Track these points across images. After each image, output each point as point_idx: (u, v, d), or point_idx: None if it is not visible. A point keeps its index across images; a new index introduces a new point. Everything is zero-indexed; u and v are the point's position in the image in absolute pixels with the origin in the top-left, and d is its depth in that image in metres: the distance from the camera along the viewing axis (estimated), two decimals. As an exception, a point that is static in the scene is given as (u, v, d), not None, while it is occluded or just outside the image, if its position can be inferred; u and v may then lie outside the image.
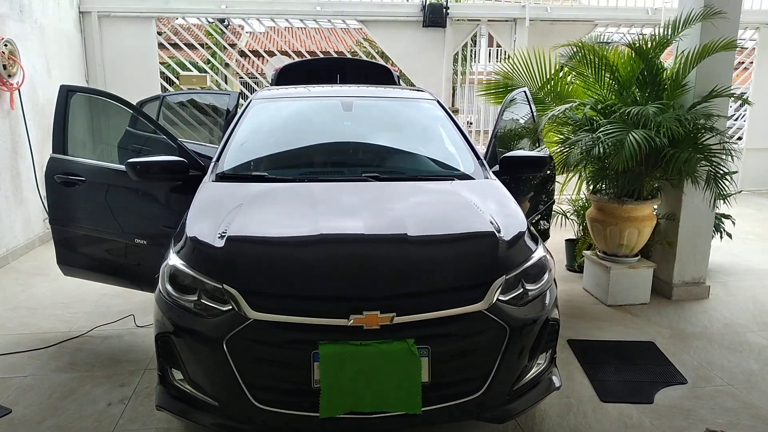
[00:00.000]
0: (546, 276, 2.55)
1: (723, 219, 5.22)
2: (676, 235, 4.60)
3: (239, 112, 3.77)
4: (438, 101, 3.94)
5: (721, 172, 4.21)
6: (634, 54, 4.36)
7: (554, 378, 2.62)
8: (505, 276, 2.37)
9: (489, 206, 2.81)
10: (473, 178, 3.19)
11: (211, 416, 2.31)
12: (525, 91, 4.38)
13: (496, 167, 3.40)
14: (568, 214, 5.42)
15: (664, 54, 4.53)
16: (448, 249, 2.56)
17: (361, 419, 2.24)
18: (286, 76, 4.99)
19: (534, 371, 2.51)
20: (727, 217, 5.27)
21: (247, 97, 4.31)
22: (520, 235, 2.60)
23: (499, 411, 2.38)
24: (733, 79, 4.63)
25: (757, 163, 9.39)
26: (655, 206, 4.63)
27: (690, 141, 4.21)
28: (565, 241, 5.51)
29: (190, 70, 8.53)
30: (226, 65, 11.55)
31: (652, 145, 3.92)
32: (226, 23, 9.63)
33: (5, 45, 5.49)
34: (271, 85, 5.15)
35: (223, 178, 3.12)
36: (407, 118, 3.89)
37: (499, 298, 2.34)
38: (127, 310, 4.27)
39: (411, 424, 2.27)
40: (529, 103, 4.35)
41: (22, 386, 3.23)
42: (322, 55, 8.36)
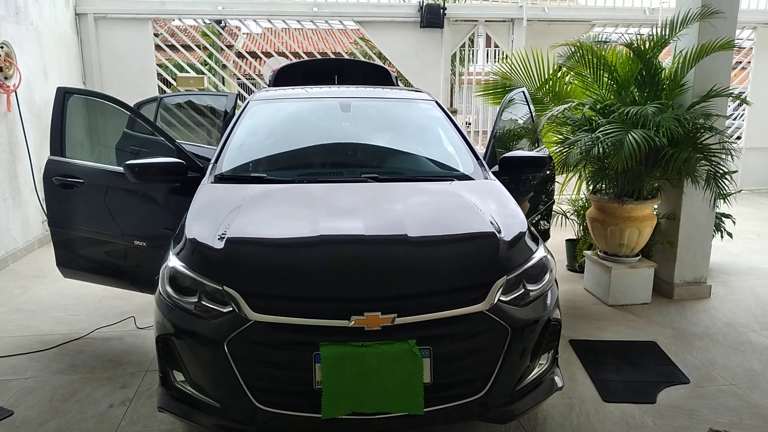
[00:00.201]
0: (547, 276, 2.55)
1: (723, 218, 5.22)
2: (676, 234, 4.60)
3: (237, 113, 3.76)
4: (436, 102, 3.93)
5: (721, 172, 4.22)
6: (632, 54, 4.37)
7: (556, 378, 2.62)
8: (506, 276, 2.37)
9: (489, 207, 2.80)
10: (473, 179, 3.19)
11: (212, 417, 2.30)
12: (523, 92, 4.38)
13: (496, 167, 3.39)
14: (568, 214, 5.41)
15: (662, 54, 4.53)
16: (448, 250, 2.56)
17: (363, 420, 2.23)
18: (284, 78, 4.98)
19: (536, 372, 2.50)
20: (728, 216, 5.27)
21: (245, 98, 4.30)
22: (521, 236, 2.60)
23: (502, 411, 2.37)
24: (731, 79, 4.63)
25: (756, 162, 9.41)
26: (656, 206, 4.63)
27: (689, 140, 4.21)
28: (566, 241, 5.51)
29: (188, 72, 8.50)
30: (224, 66, 11.55)
31: (651, 145, 3.92)
32: (223, 24, 9.62)
33: (1, 47, 5.48)
34: (269, 86, 5.14)
35: (222, 179, 3.12)
36: (406, 119, 3.89)
37: (501, 298, 2.33)
38: (127, 312, 4.26)
39: (413, 424, 2.26)
40: (528, 104, 4.35)
41: (23, 388, 3.22)
42: (319, 56, 8.35)
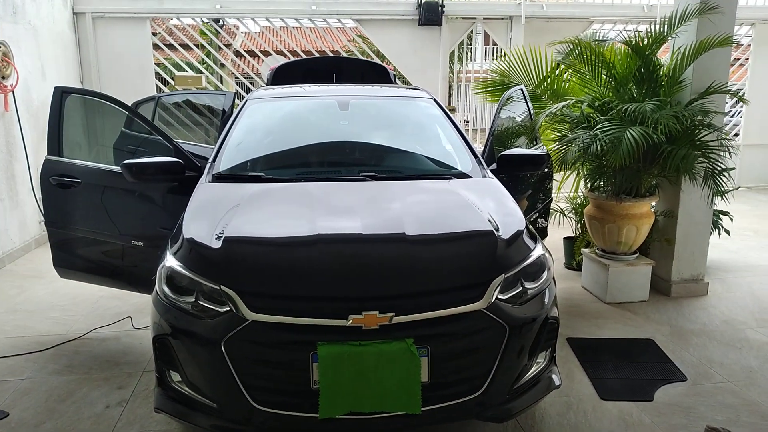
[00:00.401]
0: (545, 274, 2.54)
1: (721, 215, 5.22)
2: (674, 232, 4.60)
3: (235, 112, 3.75)
4: (435, 99, 3.92)
5: (719, 169, 4.21)
6: (630, 51, 4.36)
7: (554, 376, 2.62)
8: (504, 275, 2.37)
9: (487, 205, 2.80)
10: (471, 177, 3.18)
11: (209, 418, 2.30)
12: (522, 89, 4.38)
13: (494, 165, 3.39)
14: (566, 212, 5.41)
15: (660, 51, 4.53)
16: (446, 248, 2.55)
17: (360, 420, 2.23)
18: (282, 76, 4.97)
19: (534, 370, 2.50)
20: (725, 213, 5.27)
21: (243, 97, 4.29)
22: (519, 234, 2.59)
23: (499, 410, 2.37)
24: (729, 75, 4.62)
25: (754, 159, 9.41)
26: (653, 203, 4.63)
27: (687, 138, 4.21)
28: (564, 239, 5.51)
29: (185, 71, 8.48)
30: (222, 65, 11.54)
31: (649, 142, 3.92)
32: (221, 23, 9.60)
33: (-1, 46, 5.46)
34: (267, 84, 5.13)
35: (220, 178, 3.11)
36: (404, 117, 3.88)
37: (498, 297, 2.33)
38: (124, 312, 4.26)
39: (411, 424, 2.26)
40: (526, 101, 4.34)
41: (19, 389, 3.21)
42: (317, 55, 8.34)
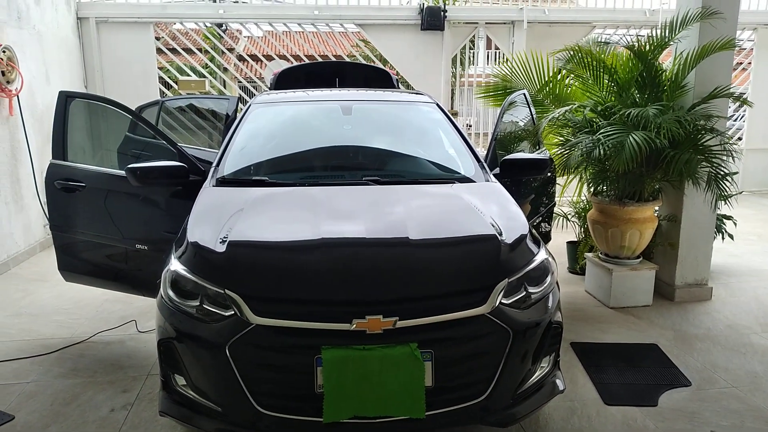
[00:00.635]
0: (548, 279, 2.54)
1: (724, 220, 5.22)
2: (677, 236, 4.60)
3: (239, 116, 3.77)
4: (437, 104, 3.94)
5: (722, 173, 4.21)
6: (633, 56, 4.37)
7: (558, 381, 2.62)
8: (507, 279, 2.37)
9: (490, 209, 2.80)
10: (474, 181, 3.19)
11: (214, 422, 2.30)
12: (524, 94, 4.38)
13: (497, 170, 3.40)
14: (569, 217, 5.41)
15: (662, 55, 4.54)
16: (450, 252, 2.56)
17: (365, 424, 2.23)
18: (285, 80, 4.99)
19: (537, 374, 2.50)
20: (729, 218, 5.27)
21: (246, 101, 4.31)
22: (522, 238, 2.59)
23: (503, 415, 2.37)
24: (732, 80, 4.63)
25: (757, 163, 9.39)
26: (657, 208, 4.63)
27: (690, 142, 4.21)
28: (567, 243, 5.50)
29: (189, 75, 8.51)
30: (225, 70, 11.57)
31: (652, 147, 3.92)
32: (224, 27, 9.63)
33: (3, 51, 5.49)
34: (270, 89, 5.15)
35: (224, 182, 3.12)
36: (407, 122, 3.89)
37: (502, 301, 2.33)
38: (128, 316, 4.27)
39: (415, 428, 2.26)
40: (529, 106, 4.35)
41: (24, 393, 3.22)
42: (320, 59, 8.35)
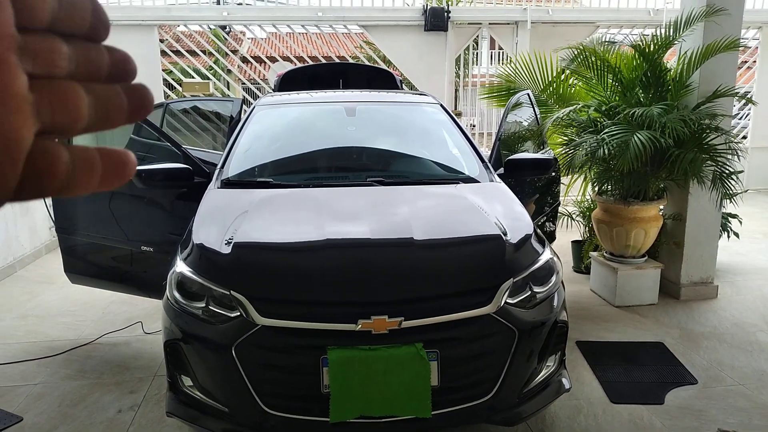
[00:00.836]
0: (554, 278, 2.54)
1: (730, 218, 5.20)
2: (683, 235, 4.59)
3: (243, 118, 3.78)
4: (441, 104, 3.94)
5: (727, 172, 4.20)
6: (637, 55, 4.36)
7: (564, 380, 2.62)
8: (512, 279, 2.37)
9: (495, 209, 2.80)
10: (478, 181, 3.19)
11: (221, 422, 2.31)
12: (528, 94, 4.39)
13: (501, 170, 3.40)
14: (574, 216, 5.41)
15: (666, 55, 4.53)
16: (454, 252, 2.56)
17: (371, 424, 2.23)
18: (289, 82, 5.00)
19: (543, 374, 2.50)
20: (734, 216, 5.26)
21: (251, 103, 4.33)
22: (527, 238, 2.60)
23: (509, 414, 2.37)
24: (736, 79, 4.62)
25: (762, 161, 9.35)
26: (661, 207, 4.62)
27: (695, 141, 4.20)
28: (572, 242, 5.50)
29: (193, 77, 8.54)
30: (229, 71, 11.62)
31: (657, 146, 3.92)
32: (228, 30, 9.66)
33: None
34: (274, 91, 5.16)
35: (228, 184, 3.13)
36: (411, 122, 3.90)
37: (507, 301, 2.33)
38: (134, 317, 4.28)
39: (421, 428, 2.27)
40: (533, 106, 4.35)
41: (32, 394, 3.24)
42: (324, 61, 8.37)
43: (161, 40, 7.82)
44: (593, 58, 4.43)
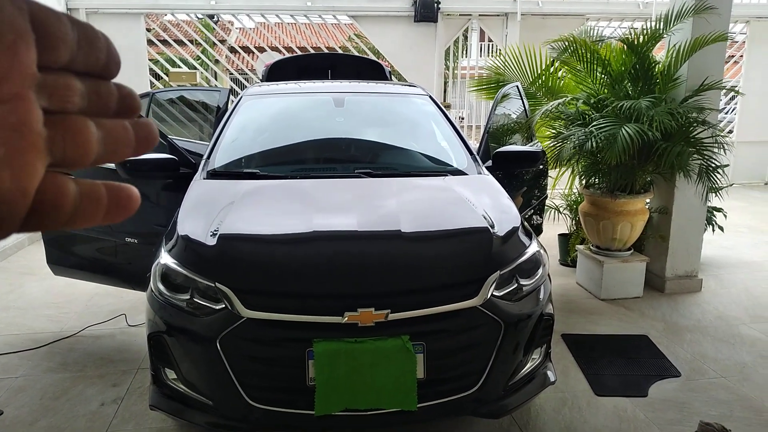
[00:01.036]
0: (540, 271, 2.55)
1: (715, 212, 5.24)
2: (668, 228, 4.62)
3: (230, 108, 3.74)
4: (430, 96, 3.92)
5: (713, 166, 4.23)
6: (626, 48, 4.37)
7: (549, 373, 2.63)
8: (499, 271, 2.37)
9: (482, 201, 2.80)
10: (466, 174, 3.19)
11: (205, 415, 2.30)
12: (517, 86, 4.38)
13: (489, 162, 3.39)
14: (561, 209, 5.42)
15: (655, 48, 4.54)
16: (442, 245, 2.56)
17: (356, 416, 2.23)
18: (277, 72, 4.96)
19: (529, 366, 2.51)
20: (719, 210, 5.29)
21: (238, 93, 4.28)
22: (514, 231, 2.59)
23: (495, 406, 2.38)
24: (724, 73, 4.64)
25: (748, 155, 9.43)
26: (648, 200, 4.65)
27: (682, 134, 4.22)
28: (558, 235, 5.51)
29: (180, 67, 8.45)
30: (216, 61, 11.51)
31: (644, 139, 3.93)
32: (216, 19, 9.55)
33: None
34: (262, 81, 5.12)
35: (214, 175, 3.10)
36: (399, 114, 3.88)
37: (494, 293, 2.33)
38: (118, 310, 4.24)
39: (407, 420, 2.27)
40: (522, 98, 4.34)
41: (13, 387, 3.20)
42: (313, 51, 8.31)
43: (148, 29, 7.72)
44: (582, 50, 4.43)
